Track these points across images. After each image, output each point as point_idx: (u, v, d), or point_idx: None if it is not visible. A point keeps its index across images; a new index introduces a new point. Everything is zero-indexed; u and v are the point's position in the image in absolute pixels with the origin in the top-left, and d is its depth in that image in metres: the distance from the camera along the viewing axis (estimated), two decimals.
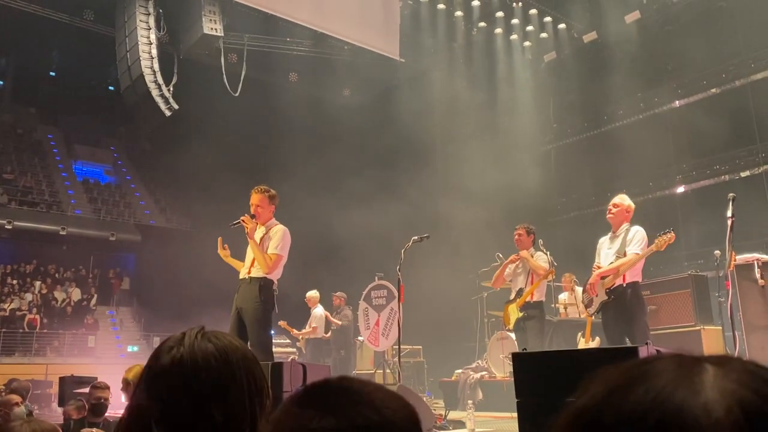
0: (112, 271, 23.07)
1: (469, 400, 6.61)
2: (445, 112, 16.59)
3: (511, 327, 6.95)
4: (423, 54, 17.10)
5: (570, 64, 16.61)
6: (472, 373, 8.93)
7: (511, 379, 3.78)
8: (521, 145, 15.58)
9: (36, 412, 7.08)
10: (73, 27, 17.78)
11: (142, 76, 14.62)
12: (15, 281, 20.19)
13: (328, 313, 10.57)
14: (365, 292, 9.91)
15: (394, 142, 16.07)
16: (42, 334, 18.82)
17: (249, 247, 5.49)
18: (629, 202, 5.68)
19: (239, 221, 5.44)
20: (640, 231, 5.44)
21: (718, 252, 6.30)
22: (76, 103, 26.19)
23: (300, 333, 10.57)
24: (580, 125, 16.97)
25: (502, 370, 8.43)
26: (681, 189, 14.90)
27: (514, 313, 6.80)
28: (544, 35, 16.50)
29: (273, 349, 5.84)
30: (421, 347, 11.23)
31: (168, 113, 14.99)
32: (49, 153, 26.61)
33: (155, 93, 14.71)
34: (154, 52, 14.78)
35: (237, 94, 16.18)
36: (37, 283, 20.46)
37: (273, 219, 5.57)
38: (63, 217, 22.02)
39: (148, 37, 14.77)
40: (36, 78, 25.99)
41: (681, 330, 7.21)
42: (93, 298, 21.15)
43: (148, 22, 14.84)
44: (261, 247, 5.37)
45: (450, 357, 11.30)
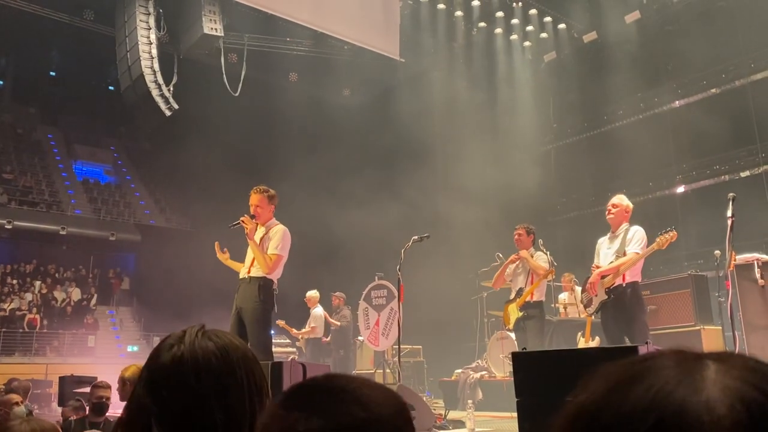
0: (111, 270, 23.06)
1: (469, 400, 6.60)
2: (445, 112, 16.59)
3: (510, 327, 6.95)
4: (423, 54, 17.09)
5: (570, 64, 16.62)
6: (471, 372, 8.93)
7: (511, 378, 3.78)
8: (521, 145, 15.58)
9: (36, 412, 7.08)
10: (73, 27, 17.77)
11: (142, 75, 14.62)
12: (15, 281, 20.19)
13: (327, 314, 10.56)
14: (365, 292, 9.91)
15: (394, 141, 16.07)
16: (42, 333, 18.82)
17: (249, 247, 5.49)
18: (627, 202, 5.69)
19: (239, 222, 5.43)
20: (639, 230, 5.44)
21: (718, 252, 6.30)
22: (76, 103, 26.18)
23: (299, 333, 10.57)
24: (580, 125, 16.97)
25: (501, 369, 8.43)
26: (681, 189, 14.90)
27: (514, 312, 6.80)
28: (544, 35, 16.50)
29: (273, 349, 5.84)
30: (421, 347, 11.23)
31: (168, 113, 14.98)
32: (49, 153, 26.61)
33: (155, 93, 14.70)
34: (154, 51, 14.77)
35: (237, 94, 16.18)
36: (37, 283, 20.46)
37: (273, 219, 5.56)
38: (63, 217, 22.02)
39: (148, 36, 14.76)
40: (36, 78, 25.97)
41: (681, 330, 7.22)
42: (93, 298, 21.14)
43: (148, 22, 14.84)
44: (261, 248, 5.36)
45: (450, 357, 11.30)
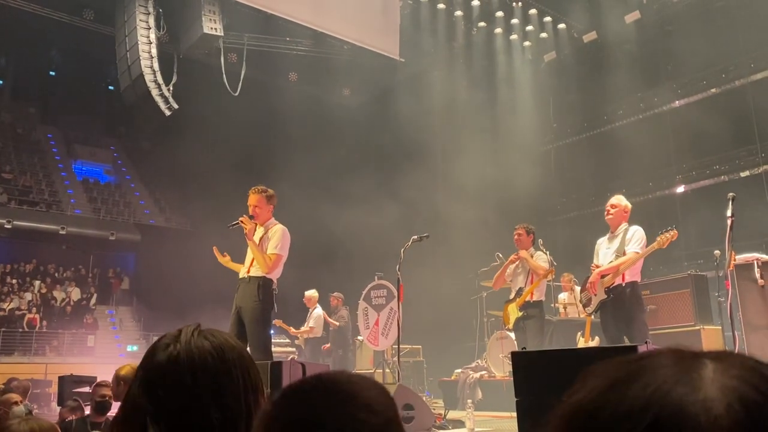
0: (111, 270, 23.06)
1: (469, 400, 6.60)
2: (445, 112, 16.58)
3: (510, 326, 6.95)
4: (423, 54, 17.09)
5: (570, 64, 16.61)
6: (471, 372, 8.92)
7: (511, 378, 3.78)
8: (521, 145, 15.57)
9: (35, 411, 7.08)
10: (73, 26, 17.75)
11: (142, 75, 14.61)
12: (14, 281, 20.18)
13: (327, 315, 10.57)
14: (365, 292, 9.90)
15: (394, 141, 16.07)
16: (41, 333, 18.82)
17: (248, 247, 5.48)
18: (626, 202, 5.70)
19: (237, 222, 5.43)
20: (639, 230, 5.45)
21: (717, 252, 6.30)
22: (75, 103, 26.18)
23: (297, 332, 10.57)
24: (579, 125, 16.96)
25: (501, 369, 8.42)
26: (681, 189, 14.90)
27: (513, 312, 6.80)
28: (544, 35, 16.49)
29: (272, 349, 5.84)
30: (420, 347, 11.22)
31: (168, 113, 14.98)
32: (48, 152, 26.61)
33: (155, 92, 14.70)
34: (154, 51, 14.76)
35: (237, 94, 16.18)
36: (37, 283, 20.46)
37: (272, 219, 5.56)
38: (63, 217, 22.02)
39: (148, 36, 14.76)
40: (35, 77, 25.97)
41: (680, 330, 7.22)
42: (92, 298, 21.15)
43: (147, 22, 14.83)
44: (260, 248, 5.36)
45: (449, 356, 11.30)
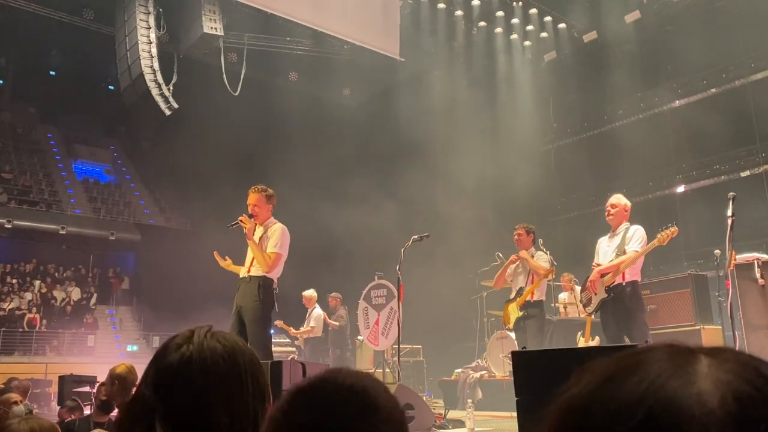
0: (111, 270, 23.07)
1: (469, 399, 6.60)
2: (445, 112, 16.58)
3: (511, 326, 6.95)
4: (423, 53, 17.09)
5: (570, 64, 16.61)
6: (471, 372, 8.92)
7: (511, 378, 3.78)
8: (521, 145, 15.56)
9: (35, 411, 7.08)
10: (73, 26, 17.74)
11: (142, 75, 14.61)
12: (14, 280, 20.19)
13: (326, 315, 10.57)
14: (365, 292, 9.90)
15: (394, 141, 16.06)
16: (41, 333, 18.82)
17: (249, 247, 5.49)
18: (626, 201, 5.71)
19: (237, 222, 5.44)
20: (639, 230, 5.46)
21: (718, 251, 6.30)
22: (75, 103, 26.17)
23: (297, 332, 10.57)
24: (580, 125, 16.96)
25: (501, 369, 8.42)
26: (681, 189, 14.90)
27: (514, 312, 6.80)
28: (544, 35, 16.49)
29: (272, 349, 5.84)
30: (420, 346, 11.22)
31: (168, 112, 14.98)
32: (48, 152, 26.62)
33: (155, 92, 14.69)
34: (154, 51, 14.76)
35: (237, 94, 16.18)
36: (37, 283, 20.46)
37: (271, 218, 5.57)
38: (63, 217, 22.02)
39: (148, 36, 14.75)
40: (35, 77, 25.94)
41: (681, 329, 7.21)
42: (92, 298, 21.15)
43: (148, 21, 14.83)
44: (260, 247, 5.37)
45: (450, 356, 11.30)
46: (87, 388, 7.18)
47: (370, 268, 10.28)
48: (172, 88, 15.29)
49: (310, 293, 10.66)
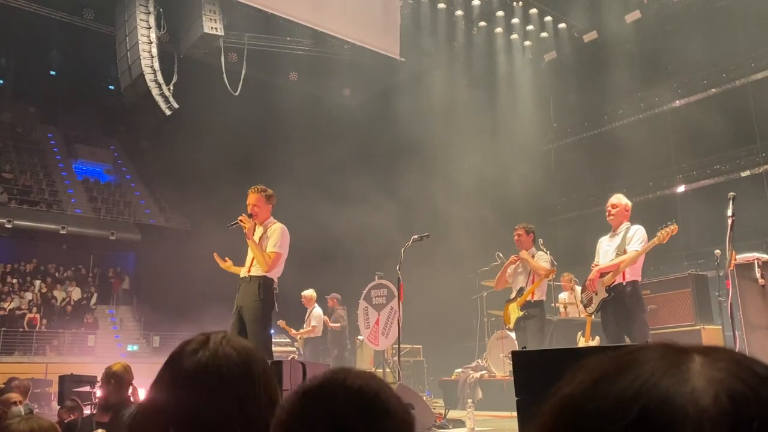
0: (112, 270, 23.07)
1: (469, 399, 6.60)
2: (445, 112, 16.58)
3: (511, 326, 6.95)
4: (423, 53, 17.09)
5: (570, 64, 16.61)
6: (471, 372, 8.92)
7: (511, 378, 3.77)
8: (521, 145, 15.56)
9: (36, 411, 7.08)
10: (73, 26, 17.75)
11: (143, 75, 14.62)
12: (15, 280, 20.19)
13: (327, 318, 10.57)
14: (365, 291, 9.90)
15: (395, 141, 16.06)
16: (42, 333, 18.82)
17: (249, 247, 5.50)
18: (626, 201, 5.70)
19: (237, 221, 5.45)
20: (640, 229, 5.45)
21: (718, 251, 6.28)
22: (76, 102, 26.16)
23: (298, 333, 10.57)
24: (580, 125, 16.96)
25: (501, 369, 8.42)
26: (681, 188, 14.90)
27: (514, 312, 6.79)
28: (545, 35, 16.49)
29: (272, 348, 5.84)
30: (420, 346, 11.22)
31: (168, 112, 14.98)
32: (48, 152, 26.61)
33: (155, 92, 14.70)
34: (155, 51, 14.77)
35: (237, 94, 16.18)
36: (37, 282, 20.46)
37: (271, 218, 5.57)
38: (63, 216, 22.01)
39: (149, 36, 14.76)
40: (36, 77, 25.94)
41: (681, 329, 7.21)
42: (93, 297, 21.15)
43: (148, 21, 14.83)
44: (260, 247, 5.37)
45: (450, 356, 11.29)
46: (87, 388, 7.17)
47: (371, 267, 10.28)
48: (172, 88, 15.30)
49: (310, 293, 10.66)
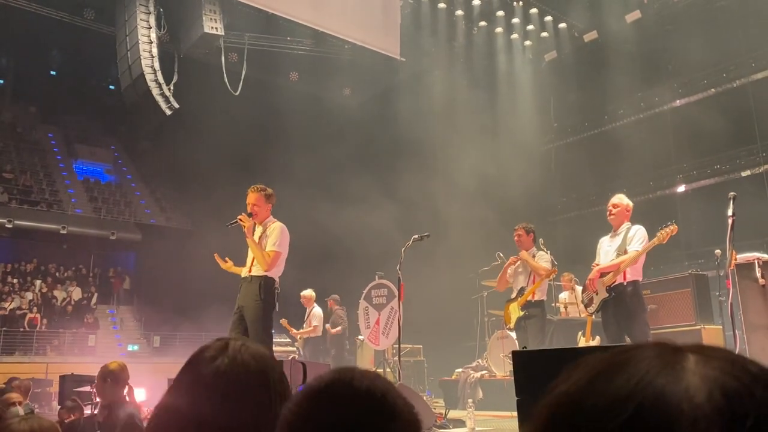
0: (112, 270, 23.07)
1: (470, 399, 6.60)
2: (446, 111, 16.58)
3: (512, 326, 6.94)
4: (423, 53, 17.09)
5: (570, 64, 16.61)
6: (472, 372, 8.92)
7: (512, 378, 3.77)
8: (521, 145, 15.56)
9: (36, 411, 7.08)
10: (74, 26, 17.76)
11: (143, 75, 14.62)
12: (15, 280, 20.19)
13: (329, 327, 10.58)
14: (365, 291, 9.90)
15: (395, 141, 16.06)
16: (42, 333, 18.82)
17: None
18: (627, 201, 5.70)
19: (236, 220, 5.46)
20: (641, 230, 5.45)
21: (718, 251, 6.29)
22: (76, 102, 26.16)
23: (299, 332, 10.57)
24: (580, 124, 16.96)
25: (502, 369, 8.42)
26: (681, 188, 14.90)
27: (515, 311, 6.79)
28: (545, 34, 16.49)
29: (273, 348, 5.84)
30: (421, 346, 11.22)
31: (168, 112, 14.99)
32: (49, 152, 26.61)
33: (156, 92, 14.70)
34: (155, 50, 14.77)
35: (237, 94, 16.18)
36: (38, 282, 20.47)
37: (270, 217, 5.58)
38: (63, 216, 22.01)
39: (149, 35, 14.76)
40: (36, 77, 25.95)
41: (681, 329, 7.21)
42: (93, 297, 21.15)
43: (148, 21, 14.84)
44: (259, 246, 5.38)
45: (450, 356, 11.29)
46: (88, 388, 7.17)
47: (371, 267, 10.28)
48: (172, 88, 15.30)
49: (309, 293, 10.68)
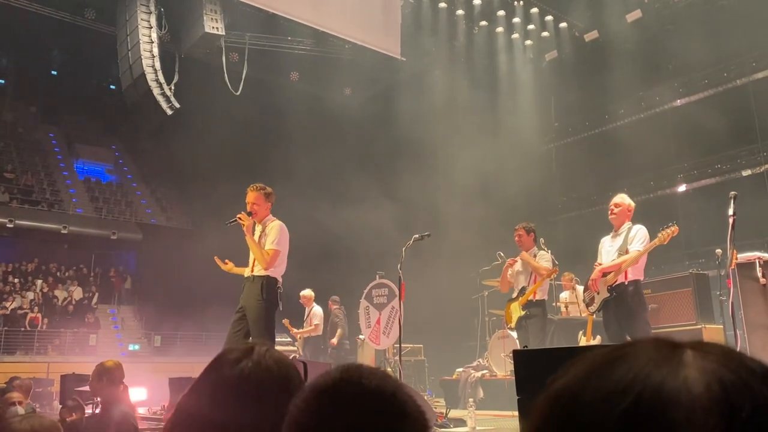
0: (113, 269, 23.07)
1: (470, 399, 6.60)
2: (446, 111, 16.59)
3: (513, 325, 6.94)
4: (424, 53, 17.09)
5: (571, 63, 16.60)
6: (473, 371, 8.93)
7: (512, 377, 3.78)
8: (522, 144, 15.56)
9: (38, 410, 7.08)
10: (75, 26, 17.76)
11: (144, 74, 14.63)
12: (16, 280, 20.20)
13: (333, 341, 10.56)
14: (366, 291, 9.90)
15: (396, 140, 16.07)
16: (43, 332, 18.83)
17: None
18: (629, 201, 5.70)
19: (236, 219, 5.47)
20: (642, 229, 5.45)
21: (719, 250, 6.28)
22: (77, 102, 26.18)
23: (300, 332, 10.58)
24: (581, 124, 16.95)
25: (503, 368, 8.43)
26: (682, 188, 14.89)
27: (516, 311, 6.79)
28: (546, 34, 16.48)
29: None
30: (422, 346, 11.22)
31: (169, 112, 15.00)
32: (50, 152, 26.62)
33: (156, 92, 14.71)
34: (156, 50, 14.78)
35: (238, 93, 16.19)
36: (39, 282, 20.47)
37: (270, 215, 5.59)
38: (64, 216, 22.03)
39: (150, 35, 14.77)
40: (37, 77, 25.96)
41: (682, 328, 7.20)
42: (94, 297, 21.16)
43: (149, 21, 14.84)
44: (258, 244, 5.39)
45: (451, 355, 11.29)
46: (89, 388, 7.17)
47: (372, 267, 10.29)
48: (173, 88, 15.31)
49: (308, 293, 10.70)
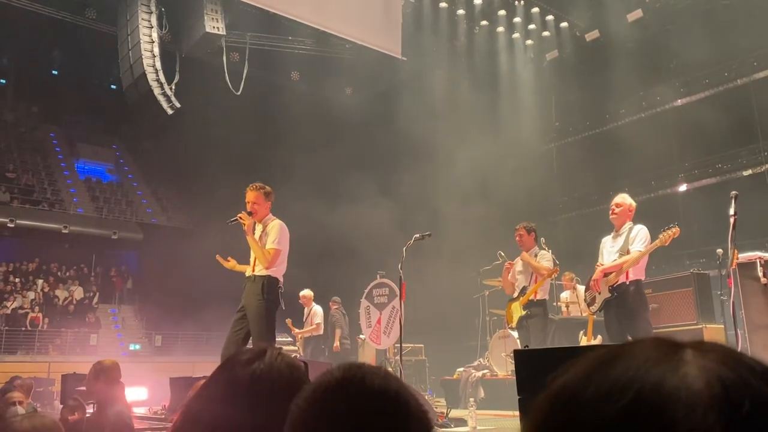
0: (114, 269, 23.08)
1: (471, 398, 6.60)
2: (447, 111, 16.58)
3: (513, 325, 6.94)
4: (425, 52, 17.09)
5: (572, 63, 16.60)
6: (473, 371, 8.93)
7: (513, 377, 3.78)
8: (523, 144, 15.56)
9: (39, 410, 7.09)
10: (76, 25, 17.78)
11: (144, 74, 14.64)
12: (17, 279, 20.21)
13: (337, 346, 10.53)
14: (367, 290, 9.90)
15: (396, 139, 16.07)
16: (44, 332, 18.84)
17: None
18: (630, 201, 5.69)
19: (236, 218, 5.48)
20: (643, 229, 5.45)
21: (720, 250, 6.28)
22: (78, 102, 26.17)
23: (301, 331, 10.58)
24: (582, 124, 16.95)
25: (503, 368, 8.43)
26: (683, 187, 14.88)
27: (517, 311, 6.79)
28: (546, 34, 16.48)
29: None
30: (422, 345, 11.22)
31: (170, 111, 15.01)
32: (51, 151, 26.63)
33: (157, 91, 14.72)
34: (156, 50, 14.79)
35: (239, 93, 16.19)
36: (40, 282, 20.48)
37: (270, 215, 5.59)
38: (65, 216, 22.03)
39: (150, 35, 14.78)
40: (38, 76, 25.97)
41: (683, 328, 7.20)
42: (95, 297, 21.17)
43: (150, 21, 14.85)
44: (259, 244, 5.40)
45: (452, 355, 11.30)
46: (84, 387, 7.17)
47: (372, 266, 10.29)
48: (174, 88, 15.32)
49: (308, 293, 10.71)
